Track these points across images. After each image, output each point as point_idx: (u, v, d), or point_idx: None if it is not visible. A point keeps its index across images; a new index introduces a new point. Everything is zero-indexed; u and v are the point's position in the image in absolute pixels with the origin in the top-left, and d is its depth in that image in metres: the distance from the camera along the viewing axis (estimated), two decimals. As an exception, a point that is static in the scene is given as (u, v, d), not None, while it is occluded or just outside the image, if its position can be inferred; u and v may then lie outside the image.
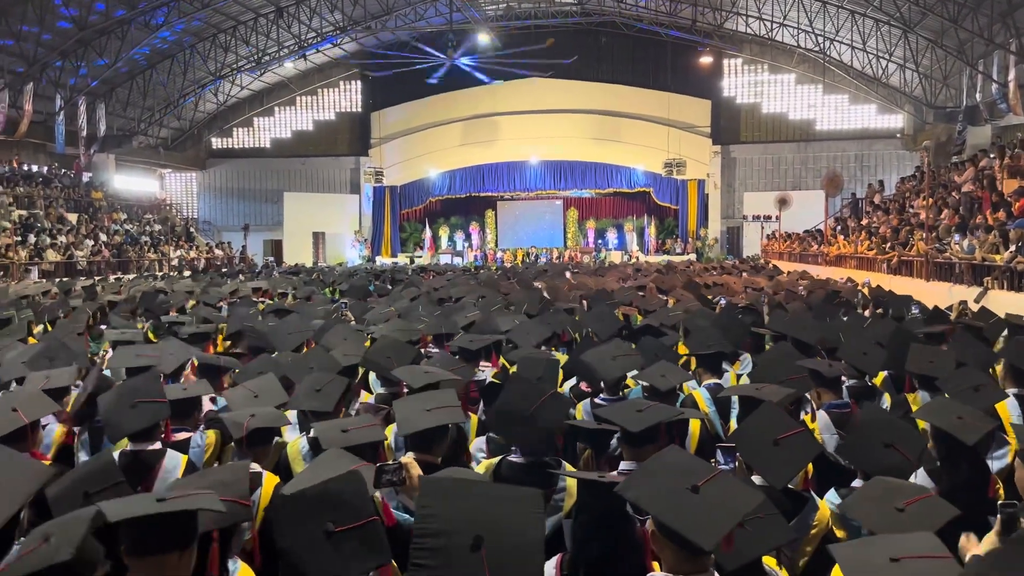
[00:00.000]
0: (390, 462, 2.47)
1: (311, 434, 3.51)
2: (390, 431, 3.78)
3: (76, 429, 4.11)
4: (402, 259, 33.23)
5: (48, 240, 24.27)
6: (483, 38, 29.35)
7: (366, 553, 2.19)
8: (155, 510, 1.94)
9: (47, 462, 3.32)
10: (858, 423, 3.49)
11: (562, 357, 5.58)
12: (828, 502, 2.95)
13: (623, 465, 3.05)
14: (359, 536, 2.17)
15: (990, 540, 2.34)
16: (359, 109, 36.44)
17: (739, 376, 5.34)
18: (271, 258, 33.56)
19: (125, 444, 3.34)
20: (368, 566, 2.21)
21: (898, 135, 30.61)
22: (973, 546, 2.40)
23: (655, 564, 2.03)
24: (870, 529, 2.39)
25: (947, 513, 2.41)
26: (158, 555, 1.97)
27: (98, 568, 2.00)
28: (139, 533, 1.95)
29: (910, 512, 2.37)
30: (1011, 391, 4.42)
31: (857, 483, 2.93)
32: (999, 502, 2.59)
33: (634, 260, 29.62)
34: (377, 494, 2.48)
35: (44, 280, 20.13)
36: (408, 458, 2.69)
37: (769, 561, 2.45)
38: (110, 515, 1.93)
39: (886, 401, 4.68)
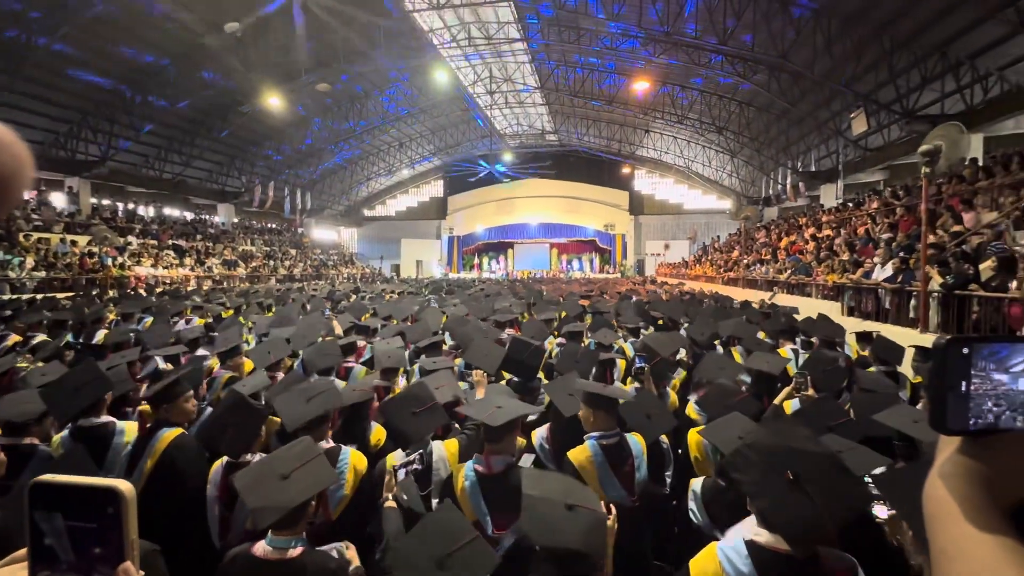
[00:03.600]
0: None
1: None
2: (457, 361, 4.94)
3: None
4: (464, 275, 38.56)
5: (279, 263, 30.06)
6: (507, 155, 39.11)
7: (433, 422, 2.78)
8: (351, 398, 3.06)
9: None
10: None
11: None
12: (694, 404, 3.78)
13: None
14: (429, 412, 2.73)
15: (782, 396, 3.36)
16: (441, 194, 44.34)
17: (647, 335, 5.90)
18: (394, 274, 39.32)
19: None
20: (435, 426, 2.85)
21: (727, 212, 35.75)
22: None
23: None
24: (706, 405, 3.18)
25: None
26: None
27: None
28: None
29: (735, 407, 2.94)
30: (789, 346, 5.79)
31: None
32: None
33: (587, 277, 36.22)
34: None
35: (279, 284, 24.00)
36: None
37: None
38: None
39: (721, 350, 5.63)
